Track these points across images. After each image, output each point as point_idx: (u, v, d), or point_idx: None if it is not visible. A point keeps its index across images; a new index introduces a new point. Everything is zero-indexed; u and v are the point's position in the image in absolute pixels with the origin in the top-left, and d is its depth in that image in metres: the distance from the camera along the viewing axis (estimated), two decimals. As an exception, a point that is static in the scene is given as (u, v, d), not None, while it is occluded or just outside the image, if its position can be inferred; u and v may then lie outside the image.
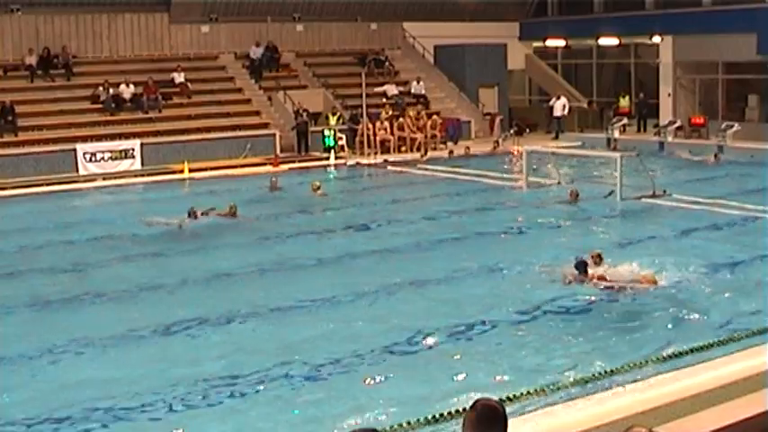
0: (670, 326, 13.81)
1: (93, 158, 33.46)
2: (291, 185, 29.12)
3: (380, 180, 32.62)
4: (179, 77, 39.19)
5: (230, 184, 30.06)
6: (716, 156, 33.60)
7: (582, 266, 16.48)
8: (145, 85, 37.76)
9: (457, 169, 32.24)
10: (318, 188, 27.07)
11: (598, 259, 17.21)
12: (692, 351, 12.34)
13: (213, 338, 13.82)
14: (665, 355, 12.22)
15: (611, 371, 11.61)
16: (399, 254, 19.42)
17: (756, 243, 19.24)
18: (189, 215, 22.47)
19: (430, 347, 13.09)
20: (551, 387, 11.10)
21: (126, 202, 28.86)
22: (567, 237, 21.25)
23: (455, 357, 12.66)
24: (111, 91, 37.06)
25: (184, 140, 35.42)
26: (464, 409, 9.78)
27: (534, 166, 29.73)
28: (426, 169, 33.11)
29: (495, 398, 6.08)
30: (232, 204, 23.32)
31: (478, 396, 5.84)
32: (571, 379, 11.41)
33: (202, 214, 22.79)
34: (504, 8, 47.85)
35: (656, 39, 43.36)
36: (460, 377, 11.83)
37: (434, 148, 38.28)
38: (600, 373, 11.54)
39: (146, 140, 34.84)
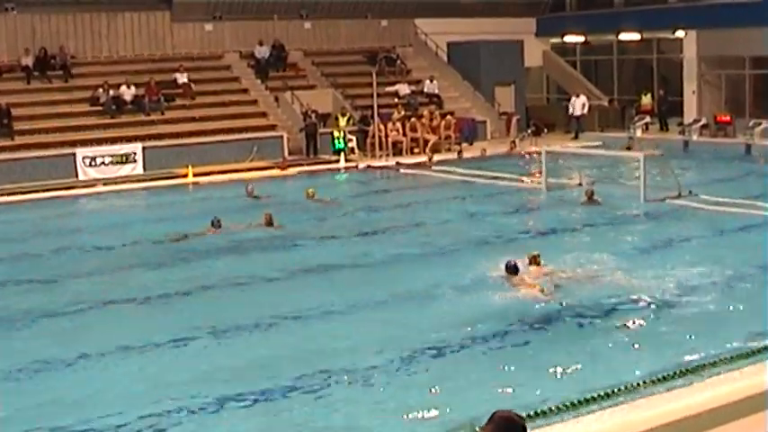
0: (677, 340, 13.76)
1: (94, 163, 33.64)
2: (283, 191, 29.12)
3: (391, 183, 32.68)
4: (182, 78, 39.37)
5: (210, 192, 30.17)
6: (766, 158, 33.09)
7: (512, 269, 16.86)
8: (146, 86, 37.95)
9: (473, 171, 32.28)
10: (313, 195, 26.94)
11: (534, 261, 17.54)
12: (689, 371, 12.21)
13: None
14: (660, 376, 12.11)
15: (606, 394, 11.52)
16: (400, 263, 19.51)
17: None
18: (212, 225, 22.43)
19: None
20: (549, 408, 11.08)
21: (129, 207, 29.09)
22: (588, 240, 21.29)
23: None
24: (111, 92, 37.26)
25: (188, 143, 35.57)
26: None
27: (554, 168, 29.80)
28: (441, 172, 33.16)
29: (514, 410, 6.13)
30: (267, 213, 23.23)
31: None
32: (566, 400, 11.34)
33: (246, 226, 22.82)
34: (521, 3, 48.03)
35: (680, 33, 43.44)
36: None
37: (449, 149, 38.34)
38: (594, 396, 11.45)
39: (148, 144, 35.00)
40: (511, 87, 45.35)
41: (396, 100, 41.65)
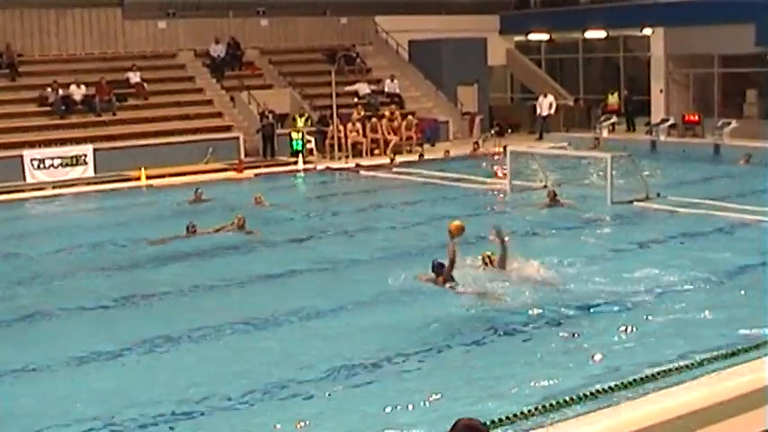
0: (662, 339, 13.76)
1: (42, 165, 33.28)
2: (236, 195, 28.86)
3: (350, 186, 32.47)
4: (134, 77, 39.06)
5: (164, 194, 29.87)
6: (747, 158, 32.86)
7: (437, 268, 16.87)
8: (97, 85, 37.62)
9: (435, 173, 32.21)
10: (261, 200, 26.60)
11: (488, 260, 17.57)
12: (686, 367, 12.31)
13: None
14: (657, 371, 12.16)
15: (602, 389, 11.56)
16: (342, 269, 19.32)
17: (754, 249, 19.31)
18: (187, 230, 22.12)
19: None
20: (537, 408, 11.04)
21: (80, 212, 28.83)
22: (551, 243, 21.19)
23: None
24: (60, 92, 36.89)
25: (141, 145, 35.23)
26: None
27: (518, 169, 29.80)
28: (402, 173, 33.07)
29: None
30: (240, 216, 22.96)
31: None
32: (559, 398, 11.33)
33: (216, 230, 22.54)
34: (484, 0, 47.98)
35: (647, 31, 43.57)
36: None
37: (410, 151, 38.30)
38: (590, 392, 11.47)
39: (99, 145, 34.68)
40: (474, 87, 45.29)
41: (355, 100, 41.57)
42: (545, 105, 43.13)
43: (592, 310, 15.43)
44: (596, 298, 16.01)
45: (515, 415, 10.82)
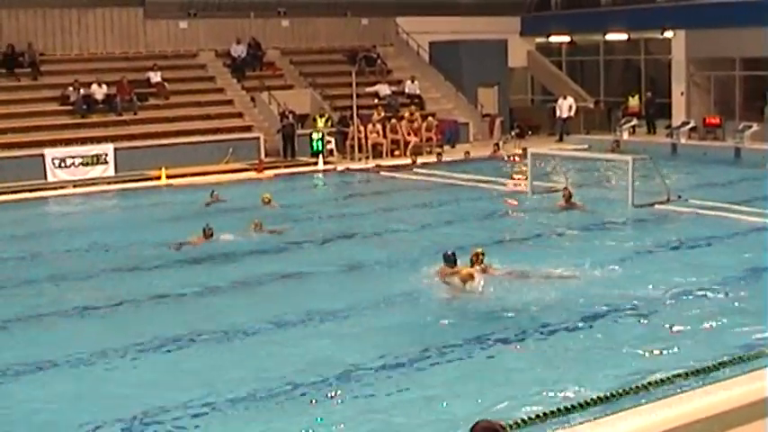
0: (677, 345, 13.73)
1: (63, 164, 33.44)
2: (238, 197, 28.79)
3: (369, 187, 32.50)
4: (155, 77, 39.20)
5: (185, 194, 29.92)
6: None
7: (449, 259, 17.27)
8: (118, 84, 37.77)
9: (455, 174, 32.25)
10: (269, 201, 26.44)
11: (475, 258, 17.63)
12: (687, 375, 12.26)
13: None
14: (656, 379, 12.12)
15: (598, 398, 11.52)
16: (360, 272, 19.32)
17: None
18: (204, 233, 22.07)
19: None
20: (552, 411, 11.05)
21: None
22: (569, 246, 21.20)
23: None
24: (81, 91, 37.06)
25: (161, 144, 35.35)
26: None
27: (539, 171, 29.79)
28: (422, 175, 33.11)
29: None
30: (257, 221, 22.95)
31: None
32: (555, 406, 11.30)
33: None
34: (505, 2, 48.01)
35: (668, 33, 43.45)
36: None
37: (430, 152, 38.31)
38: (587, 401, 11.43)
39: (120, 145, 34.83)
40: (494, 88, 45.36)
41: (376, 101, 41.63)
42: (565, 107, 43.06)
43: (608, 314, 15.41)
44: (613, 301, 16.00)
45: (534, 417, 10.86)
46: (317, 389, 12.39)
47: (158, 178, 32.71)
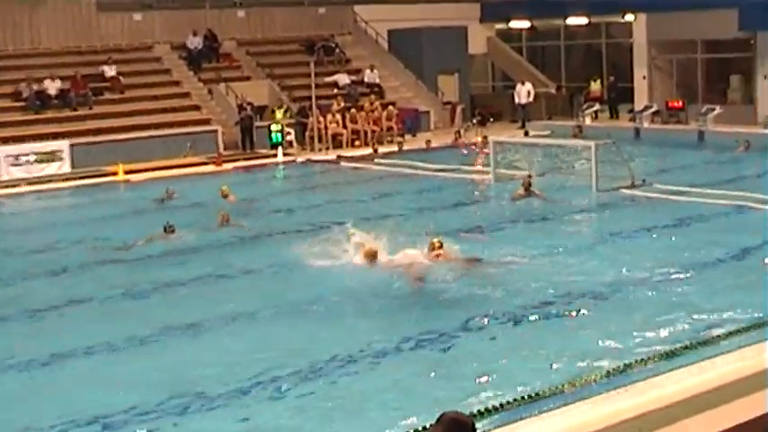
0: (657, 325, 13.77)
1: (17, 162, 33.09)
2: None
3: (330, 178, 32.43)
4: (110, 71, 38.88)
5: (143, 190, 29.62)
6: (746, 145, 32.44)
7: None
8: (72, 79, 37.43)
9: (417, 164, 32.21)
10: (228, 194, 25.98)
11: (432, 247, 17.77)
12: (683, 349, 12.39)
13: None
14: (653, 356, 12.22)
15: (596, 376, 11.58)
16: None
17: (740, 235, 19.38)
18: (164, 230, 21.85)
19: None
20: (530, 394, 11.03)
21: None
22: (532, 233, 21.23)
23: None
24: (34, 87, 36.69)
25: (118, 140, 35.13)
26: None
27: (501, 159, 29.84)
28: (384, 165, 33.05)
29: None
30: (223, 214, 22.67)
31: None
32: (553, 384, 11.36)
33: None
34: (464, -13, 48.01)
35: (629, 17, 43.59)
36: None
37: (391, 141, 38.27)
38: (583, 377, 11.52)
39: (75, 141, 34.57)
40: (455, 76, 45.32)
41: (335, 90, 41.51)
42: (523, 93, 43.16)
43: (575, 300, 15.41)
44: (578, 288, 16.04)
45: (502, 405, 10.78)
46: (290, 381, 12.34)
47: (116, 174, 32.42)
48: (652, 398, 10.56)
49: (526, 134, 38.31)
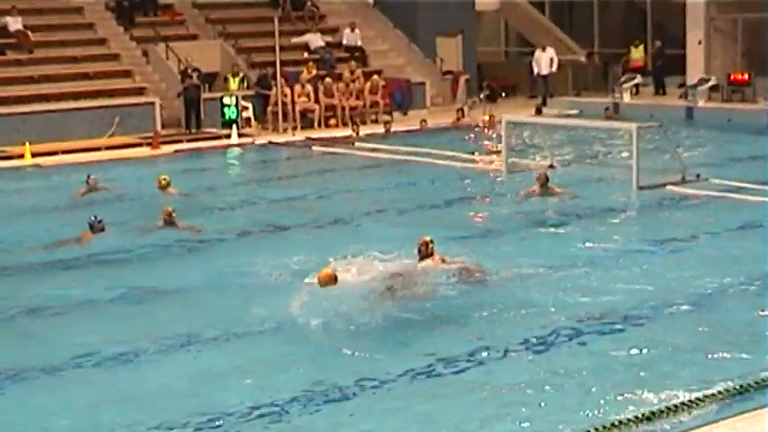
0: (706, 362, 13.64)
1: None
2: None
3: (297, 166, 32.41)
4: (14, 23, 38.78)
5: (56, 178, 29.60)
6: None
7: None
8: (-34, 34, 37.45)
9: (408, 149, 32.18)
10: (167, 185, 25.78)
11: (424, 248, 17.87)
12: (738, 392, 12.30)
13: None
14: (702, 399, 12.15)
15: (634, 419, 11.58)
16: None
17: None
18: (91, 228, 21.71)
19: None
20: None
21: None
22: (556, 242, 21.10)
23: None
24: None
25: (24, 112, 35.20)
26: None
27: (515, 144, 29.84)
28: (366, 150, 33.01)
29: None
30: (168, 210, 22.28)
31: None
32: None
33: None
34: (471, -75, 48.01)
35: (682, -34, 43.69)
36: None
37: (376, 120, 38.29)
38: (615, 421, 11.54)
39: (-32, 113, 34.58)
40: (457, 38, 45.36)
41: (305, 55, 41.55)
42: (544, 62, 43.25)
43: (593, 327, 15.33)
44: (609, 309, 15.98)
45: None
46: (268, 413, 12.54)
47: (21, 156, 32.43)
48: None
49: (538, 112, 38.27)
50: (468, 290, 17.18)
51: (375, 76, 40.33)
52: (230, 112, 36.56)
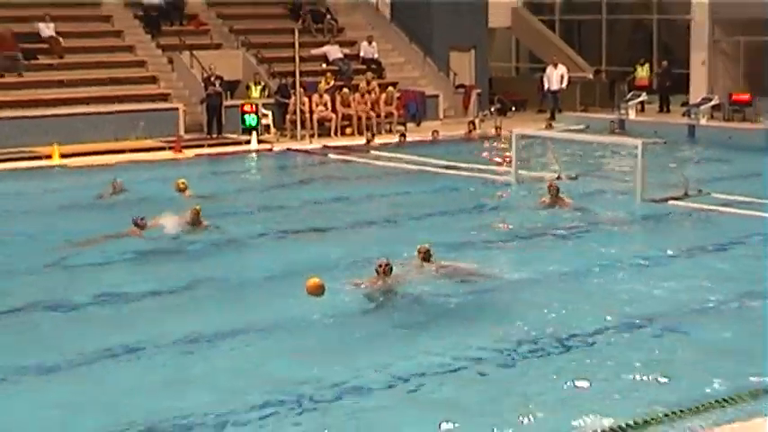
0: (703, 370, 13.59)
1: (-73, 137, 33.14)
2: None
3: (313, 173, 32.39)
4: (47, 30, 38.81)
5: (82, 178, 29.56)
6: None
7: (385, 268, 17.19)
8: (0, 37, 37.32)
9: (421, 159, 32.13)
10: (185, 189, 25.80)
11: (426, 255, 18.01)
12: (733, 401, 12.28)
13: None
14: (698, 407, 12.13)
15: (622, 426, 11.55)
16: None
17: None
18: (135, 224, 21.67)
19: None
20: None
21: None
22: (564, 251, 21.08)
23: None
24: (-46, 47, 36.70)
25: (54, 115, 35.16)
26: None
27: (525, 157, 29.79)
28: (381, 159, 32.99)
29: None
30: (196, 208, 22.34)
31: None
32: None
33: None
34: (485, -54, 47.96)
35: (688, -11, 43.63)
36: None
37: (390, 131, 38.29)
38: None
39: (1, 114, 34.61)
40: (470, 53, 45.31)
41: (324, 66, 41.54)
42: (555, 78, 43.20)
43: (597, 336, 15.24)
44: (612, 318, 15.92)
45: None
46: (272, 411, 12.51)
47: (49, 157, 32.39)
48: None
49: (549, 126, 38.23)
50: (466, 292, 17.31)
51: (390, 88, 40.28)
52: (250, 120, 36.51)
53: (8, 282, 18.99)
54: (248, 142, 35.48)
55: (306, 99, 37.50)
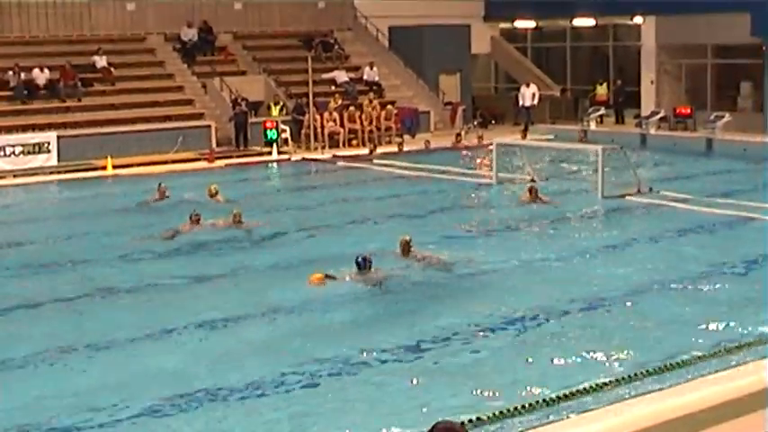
0: (655, 339, 13.76)
1: (3, 153, 33.00)
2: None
3: (325, 178, 32.48)
4: (101, 61, 38.81)
5: (131, 185, 29.58)
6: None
7: (363, 264, 16.98)
8: (62, 69, 37.31)
9: (415, 165, 32.21)
10: (216, 193, 25.75)
11: (407, 247, 17.90)
12: (678, 366, 12.32)
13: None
14: (647, 371, 12.15)
15: (588, 388, 11.57)
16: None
17: (746, 246, 19.48)
18: (190, 219, 21.78)
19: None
20: (525, 406, 11.02)
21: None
22: (540, 240, 21.22)
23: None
24: (22, 76, 36.54)
25: (107, 132, 35.07)
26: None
27: (503, 163, 29.86)
28: (381, 165, 33.06)
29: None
30: (236, 212, 22.47)
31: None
32: (543, 398, 11.34)
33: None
34: (468, -15, 47.98)
35: (638, 19, 43.69)
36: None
37: (389, 141, 38.35)
38: (575, 392, 11.46)
39: (63, 132, 34.48)
40: (456, 75, 45.37)
41: (333, 88, 41.47)
42: (528, 95, 43.26)
43: (575, 309, 15.45)
44: (580, 296, 16.08)
45: (495, 414, 10.80)
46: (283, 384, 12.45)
47: (104, 168, 32.43)
48: (646, 414, 10.49)
49: (524, 137, 38.29)
50: (444, 278, 17.34)
51: (389, 106, 40.31)
52: (271, 134, 36.58)
53: (76, 271, 19.11)
54: (270, 153, 35.50)
55: (318, 116, 37.52)
